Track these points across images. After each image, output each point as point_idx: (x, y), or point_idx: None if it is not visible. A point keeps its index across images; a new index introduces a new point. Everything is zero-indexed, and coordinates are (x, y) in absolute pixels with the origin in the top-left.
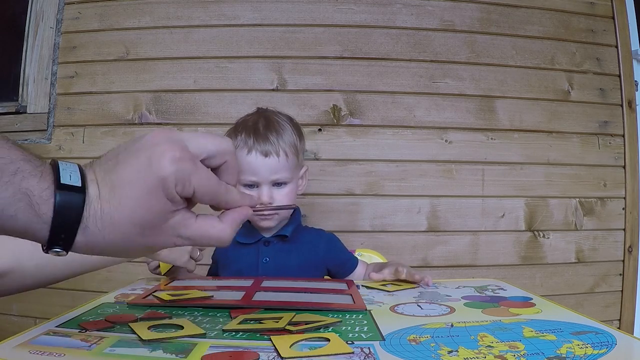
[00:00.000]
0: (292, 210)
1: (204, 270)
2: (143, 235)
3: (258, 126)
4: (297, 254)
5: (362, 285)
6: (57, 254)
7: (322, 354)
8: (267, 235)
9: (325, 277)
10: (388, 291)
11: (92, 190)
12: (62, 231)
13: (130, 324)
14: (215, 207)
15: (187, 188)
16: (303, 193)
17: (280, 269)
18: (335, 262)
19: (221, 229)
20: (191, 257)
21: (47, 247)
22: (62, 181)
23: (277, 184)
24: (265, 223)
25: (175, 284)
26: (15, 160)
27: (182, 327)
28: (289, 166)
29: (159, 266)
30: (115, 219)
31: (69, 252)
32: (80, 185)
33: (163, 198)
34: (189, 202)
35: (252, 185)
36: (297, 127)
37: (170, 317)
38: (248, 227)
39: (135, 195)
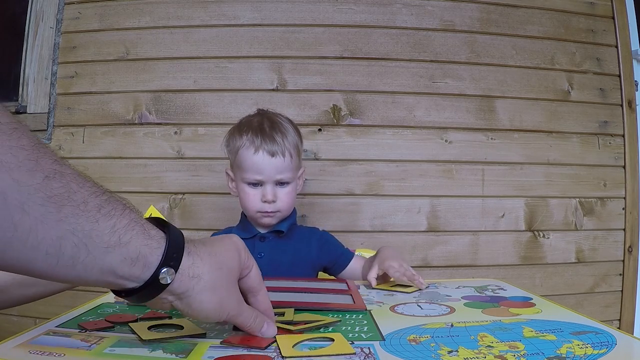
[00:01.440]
0: (292, 209)
1: None
2: (228, 281)
3: (264, 127)
4: (291, 251)
5: (362, 285)
6: (161, 283)
7: (323, 354)
8: (262, 231)
9: (323, 274)
10: (389, 290)
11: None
12: (175, 249)
13: (130, 324)
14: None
15: (249, 260)
16: (301, 193)
17: (275, 264)
18: (329, 258)
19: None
20: None
21: (157, 269)
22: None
23: (281, 183)
24: (266, 220)
25: None
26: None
27: (182, 327)
28: (292, 166)
29: None
30: (208, 251)
31: None
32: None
33: (238, 256)
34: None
35: (256, 184)
36: (297, 129)
37: (170, 317)
38: (245, 223)
39: (220, 248)
